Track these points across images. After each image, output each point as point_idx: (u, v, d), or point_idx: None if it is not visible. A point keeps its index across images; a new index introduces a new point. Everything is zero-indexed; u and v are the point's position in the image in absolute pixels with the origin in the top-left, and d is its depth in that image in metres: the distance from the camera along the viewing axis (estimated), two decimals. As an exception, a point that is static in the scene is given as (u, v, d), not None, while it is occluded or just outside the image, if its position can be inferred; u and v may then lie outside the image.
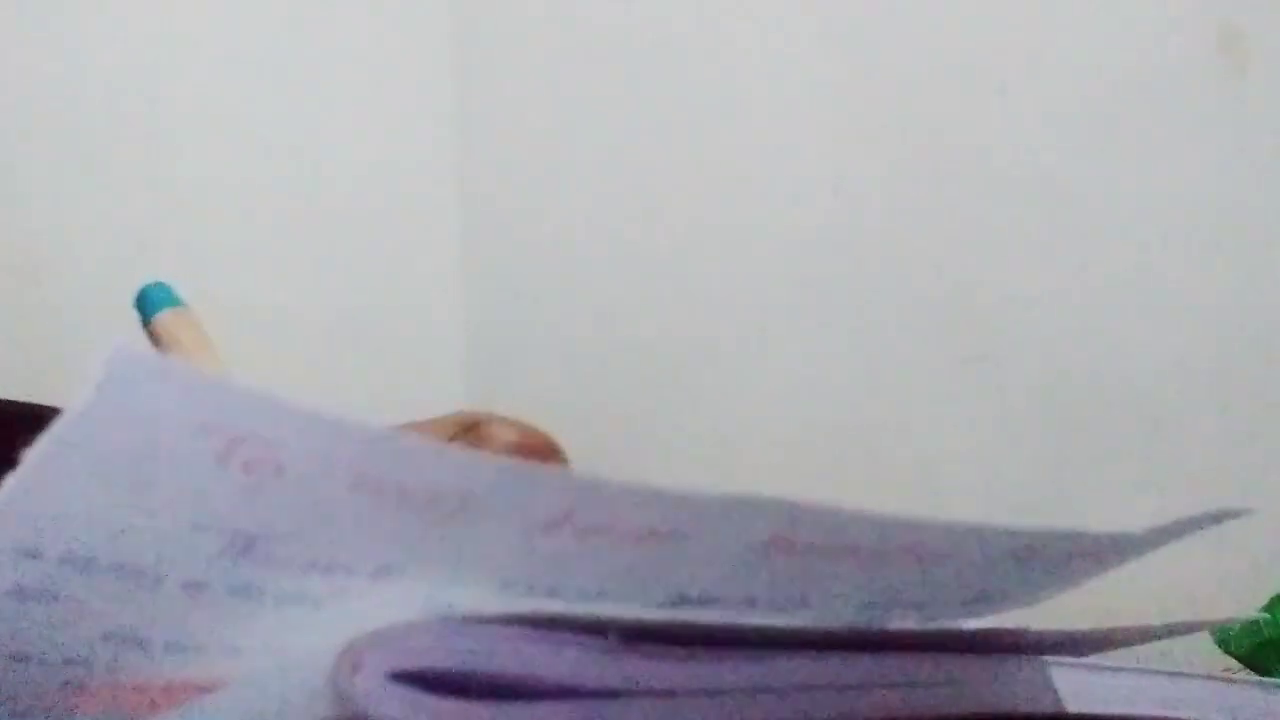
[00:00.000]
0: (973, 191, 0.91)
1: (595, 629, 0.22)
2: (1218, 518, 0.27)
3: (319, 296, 1.18)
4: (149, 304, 0.38)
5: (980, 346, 0.91)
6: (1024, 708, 0.26)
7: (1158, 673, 0.28)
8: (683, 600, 0.23)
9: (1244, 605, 0.60)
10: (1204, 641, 0.54)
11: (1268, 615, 0.50)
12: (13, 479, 0.19)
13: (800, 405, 1.01)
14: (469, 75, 1.24)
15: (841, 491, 0.95)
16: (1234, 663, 0.52)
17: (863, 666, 0.24)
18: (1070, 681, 0.27)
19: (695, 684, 0.23)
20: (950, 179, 0.92)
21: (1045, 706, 0.27)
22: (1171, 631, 0.32)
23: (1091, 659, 0.28)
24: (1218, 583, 0.78)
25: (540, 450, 0.36)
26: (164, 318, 0.38)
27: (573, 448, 1.18)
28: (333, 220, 1.19)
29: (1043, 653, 0.27)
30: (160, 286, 0.38)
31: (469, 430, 0.36)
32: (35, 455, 0.19)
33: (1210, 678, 0.29)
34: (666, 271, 1.10)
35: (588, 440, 1.16)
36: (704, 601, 0.23)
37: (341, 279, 1.20)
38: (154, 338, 0.38)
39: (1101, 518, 0.87)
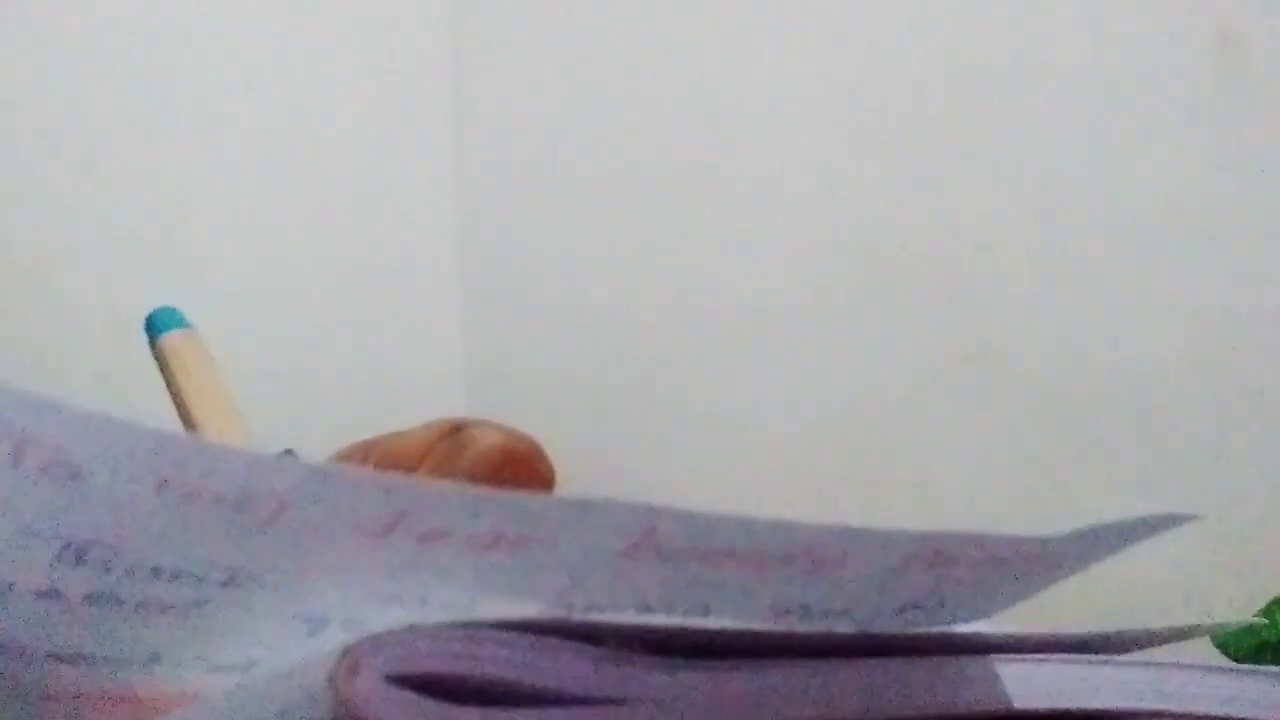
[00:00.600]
0: (970, 190, 0.91)
1: (594, 637, 0.22)
2: (1164, 524, 0.26)
3: (318, 298, 1.18)
4: (156, 326, 0.40)
5: (978, 345, 0.91)
6: (969, 706, 0.26)
7: (1111, 663, 0.28)
8: (572, 607, 0.23)
9: (1242, 607, 0.60)
10: (1203, 645, 0.54)
11: (1266, 620, 0.50)
12: None
13: (799, 404, 1.01)
14: (466, 76, 1.24)
15: (839, 491, 0.95)
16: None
17: (853, 670, 0.24)
18: (1019, 676, 0.27)
19: (693, 693, 0.22)
20: (947, 178, 0.92)
21: (992, 704, 0.26)
22: (1173, 636, 0.32)
23: (1039, 651, 0.28)
24: (1216, 585, 0.78)
25: (524, 454, 0.35)
26: (170, 339, 0.39)
27: (572, 448, 1.18)
28: (331, 221, 1.19)
29: (990, 652, 0.27)
30: (168, 310, 0.40)
31: (452, 434, 0.36)
32: None
33: (1163, 665, 0.28)
34: (665, 271, 1.10)
35: (587, 440, 1.16)
36: (593, 607, 0.23)
37: (340, 280, 1.20)
38: (159, 358, 0.39)
39: (1101, 515, 0.87)
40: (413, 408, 0.36)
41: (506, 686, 0.21)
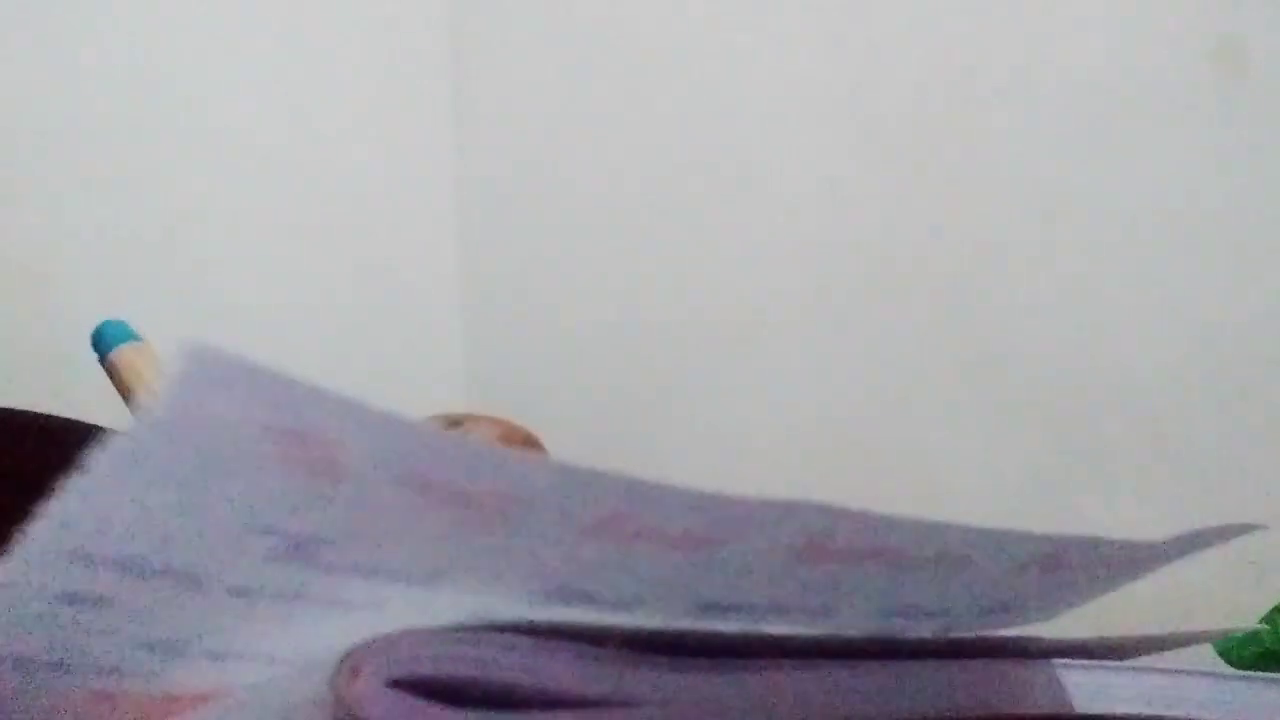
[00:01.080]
0: (972, 195, 0.91)
1: (595, 638, 0.22)
2: (1238, 531, 0.26)
3: (318, 298, 1.18)
4: (105, 341, 0.38)
5: (979, 348, 0.91)
6: (1033, 709, 0.26)
7: (1166, 671, 0.28)
8: (713, 606, 0.23)
9: (1245, 614, 0.60)
10: (1205, 653, 0.54)
11: (1268, 626, 0.50)
12: (71, 485, 0.19)
13: (800, 406, 1.01)
14: (467, 79, 1.24)
15: (839, 495, 0.95)
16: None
17: (866, 673, 0.24)
18: (1079, 682, 0.27)
19: (695, 695, 0.22)
20: (948, 181, 0.92)
21: (1055, 707, 0.26)
22: (1174, 642, 0.32)
23: (1099, 660, 0.28)
24: (1218, 592, 0.77)
25: (522, 445, 0.35)
26: (122, 353, 0.38)
27: (571, 448, 1.17)
28: (331, 221, 1.19)
29: (1050, 657, 0.27)
30: (116, 324, 0.38)
31: (450, 429, 0.35)
32: (97, 461, 0.19)
33: (1216, 675, 0.28)
34: (666, 273, 1.10)
35: (586, 439, 1.16)
36: (733, 608, 0.23)
37: (340, 280, 1.20)
38: (111, 372, 0.38)
39: (1101, 520, 0.87)
40: (413, 408, 0.35)
41: (508, 689, 0.21)
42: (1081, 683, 0.27)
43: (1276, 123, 0.79)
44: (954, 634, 0.25)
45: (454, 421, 0.36)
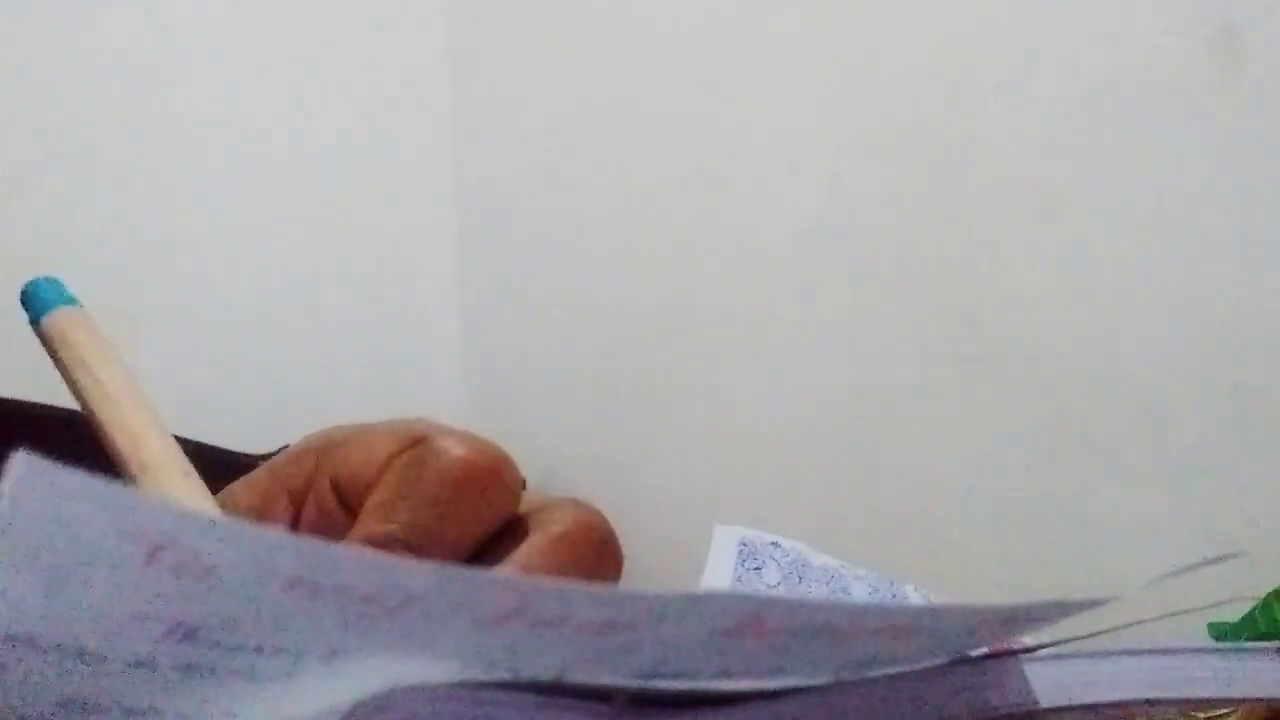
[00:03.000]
0: (970, 190, 0.91)
1: (600, 695, 0.22)
2: (1216, 561, 0.26)
3: (318, 298, 1.18)
4: (38, 302, 0.34)
5: (979, 345, 0.91)
6: (999, 708, 0.26)
7: (1124, 654, 0.28)
8: (655, 675, 0.23)
9: (1240, 603, 0.60)
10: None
11: (1261, 609, 0.50)
12: None
13: (799, 404, 1.01)
14: (465, 82, 1.24)
15: (841, 490, 0.95)
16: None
17: (836, 692, 0.24)
18: (1047, 675, 0.27)
19: None
20: (948, 178, 0.92)
21: (1021, 704, 0.26)
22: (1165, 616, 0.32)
23: (1070, 648, 0.28)
24: (1214, 580, 0.77)
25: (488, 468, 0.34)
26: (56, 318, 0.34)
27: (570, 447, 1.18)
28: (332, 222, 1.19)
29: (1016, 654, 0.27)
30: (51, 282, 0.34)
31: (415, 445, 0.34)
32: None
33: (1150, 651, 0.28)
34: (665, 272, 1.10)
35: (586, 439, 1.16)
36: (677, 675, 0.23)
37: (340, 281, 1.20)
38: (45, 340, 0.34)
39: (1101, 514, 0.87)
40: (412, 408, 0.35)
41: None
42: (1046, 675, 0.27)
43: (1274, 114, 0.79)
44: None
45: (417, 438, 0.34)
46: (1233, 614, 0.52)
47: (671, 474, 1.09)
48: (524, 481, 0.35)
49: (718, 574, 0.67)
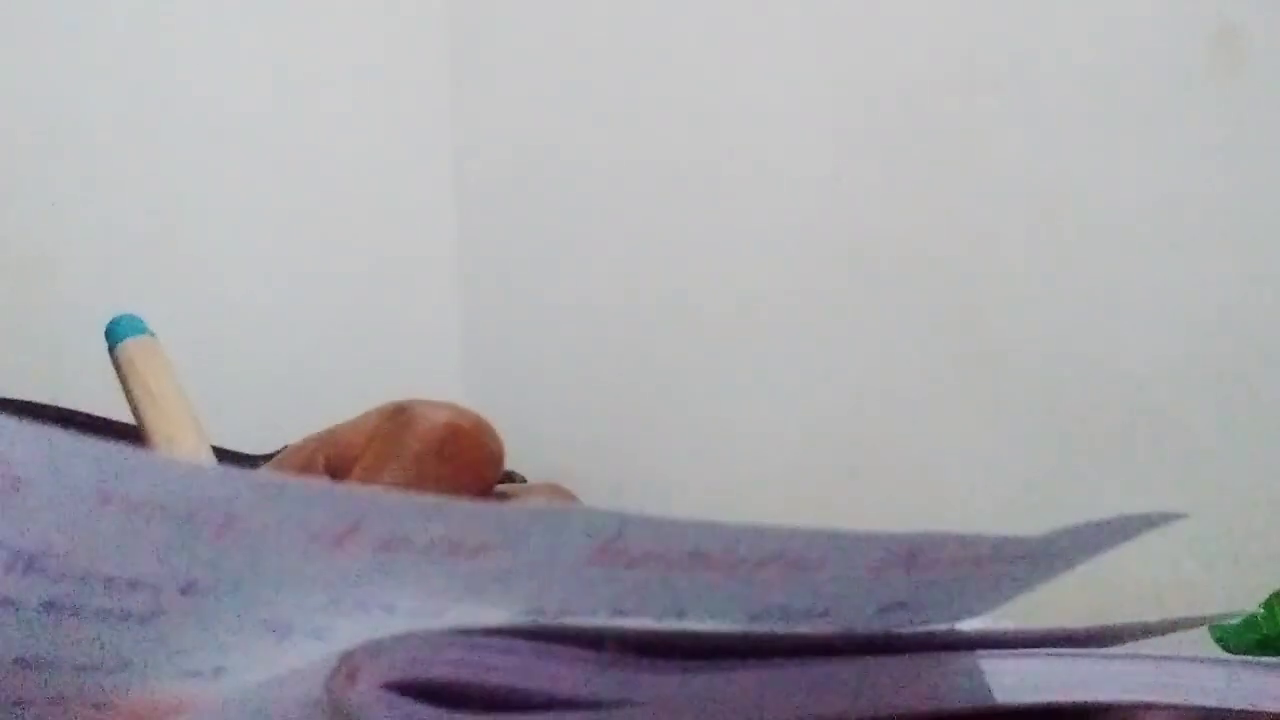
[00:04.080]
0: (970, 190, 0.91)
1: (592, 641, 0.22)
2: (1152, 523, 0.26)
3: (318, 298, 1.18)
4: (116, 333, 0.40)
5: (978, 344, 0.91)
6: (951, 704, 0.26)
7: (1097, 656, 0.28)
8: (539, 611, 0.23)
9: (1240, 603, 0.60)
10: (1203, 640, 0.54)
11: (1264, 611, 0.50)
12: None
13: (798, 402, 1.01)
14: (466, 81, 1.24)
15: (838, 489, 0.95)
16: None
17: (774, 670, 0.24)
18: (1002, 671, 0.27)
19: (692, 694, 0.23)
20: (948, 176, 0.92)
21: (974, 700, 0.26)
22: (1168, 627, 0.32)
23: (1028, 646, 0.28)
24: (1215, 580, 0.77)
25: (469, 430, 0.34)
26: (127, 345, 0.39)
27: (570, 445, 1.18)
28: (331, 222, 1.19)
29: (974, 648, 0.27)
30: (130, 318, 0.40)
31: (397, 415, 0.35)
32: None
33: (1150, 657, 0.28)
34: (665, 271, 1.10)
35: (586, 437, 1.16)
36: (563, 613, 0.23)
37: (340, 280, 1.20)
38: (117, 365, 0.39)
39: (1102, 514, 0.87)
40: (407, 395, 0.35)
41: (507, 692, 0.21)
42: (1004, 672, 0.27)
43: (1274, 113, 0.79)
44: (860, 631, 0.25)
45: (399, 409, 0.35)
46: (1234, 617, 0.52)
47: (672, 470, 1.09)
48: (502, 447, 0.36)
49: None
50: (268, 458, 0.41)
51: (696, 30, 1.07)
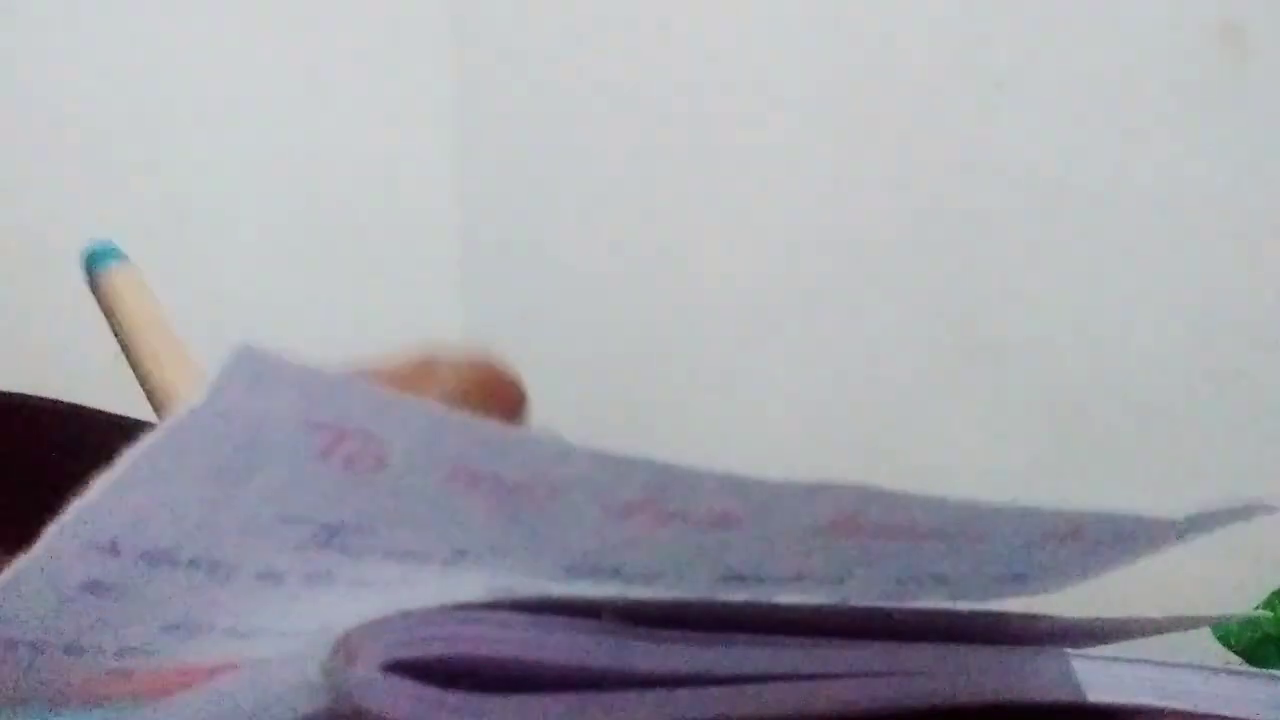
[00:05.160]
0: (970, 186, 0.91)
1: (589, 611, 0.22)
2: (1256, 510, 0.26)
3: (317, 296, 1.18)
4: (96, 261, 0.37)
5: (979, 340, 0.91)
6: (1043, 697, 0.26)
7: (1180, 666, 0.28)
8: (732, 576, 0.23)
9: (1243, 601, 0.60)
10: (1205, 639, 0.54)
11: (1268, 612, 0.50)
12: (104, 478, 0.19)
13: (799, 397, 1.01)
14: (469, 71, 1.24)
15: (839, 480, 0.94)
16: (1234, 658, 0.52)
17: (873, 653, 0.24)
18: (1089, 671, 0.27)
19: (699, 666, 0.23)
20: (947, 174, 0.92)
21: (1065, 695, 0.26)
22: (1173, 625, 0.32)
23: (1113, 651, 0.28)
24: (1217, 577, 0.77)
25: (493, 373, 0.34)
26: (111, 273, 0.37)
27: (571, 432, 1.17)
28: (331, 219, 1.19)
29: (1061, 643, 0.27)
30: (107, 245, 0.37)
31: (422, 369, 0.34)
32: (131, 455, 0.19)
33: (1169, 664, 0.28)
34: (666, 266, 1.10)
35: (586, 433, 1.16)
36: (753, 578, 0.23)
37: (339, 279, 1.20)
38: (99, 295, 0.37)
39: (1101, 508, 0.87)
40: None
41: (507, 665, 0.21)
42: (1092, 671, 0.27)
43: (1276, 110, 0.79)
44: (960, 603, 0.25)
45: (424, 361, 0.34)
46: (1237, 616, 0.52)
47: (671, 453, 1.09)
48: (526, 397, 0.35)
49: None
50: None
51: (698, 22, 1.07)
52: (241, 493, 0.20)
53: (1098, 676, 0.28)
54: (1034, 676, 0.26)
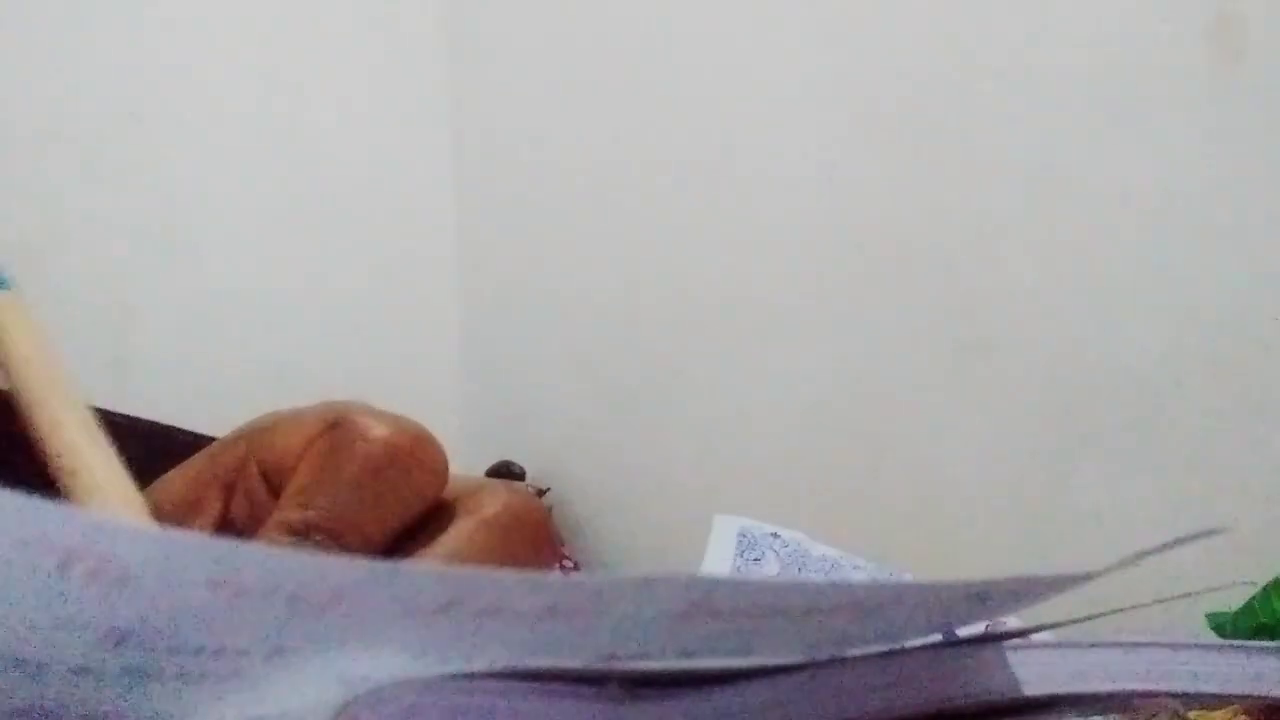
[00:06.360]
0: (968, 181, 0.91)
1: (595, 679, 0.22)
2: (1187, 540, 0.26)
3: (317, 297, 1.18)
4: None
5: (977, 337, 0.91)
6: (981, 696, 0.26)
7: (1119, 645, 0.28)
8: (614, 658, 0.23)
9: (1242, 592, 0.60)
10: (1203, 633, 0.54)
11: (1261, 599, 0.50)
12: None
13: (798, 396, 1.01)
14: (464, 77, 1.24)
15: (839, 480, 0.95)
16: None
17: (822, 672, 0.24)
18: (1029, 664, 0.27)
19: (703, 710, 0.22)
20: (946, 169, 0.92)
21: (1004, 693, 0.26)
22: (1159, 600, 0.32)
23: (1051, 638, 0.28)
24: (1211, 568, 0.77)
25: (411, 447, 0.33)
26: None
27: (571, 444, 1.18)
28: (331, 221, 1.19)
29: (1000, 640, 0.27)
30: None
31: (334, 428, 0.33)
32: None
33: (1136, 645, 0.28)
34: (664, 268, 1.10)
35: (586, 436, 1.16)
36: (637, 657, 0.23)
37: (339, 279, 1.20)
38: None
39: (1094, 499, 0.87)
40: (412, 406, 0.35)
41: None
42: (1025, 664, 0.27)
43: (1272, 104, 0.79)
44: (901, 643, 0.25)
45: (335, 421, 0.34)
46: (1231, 604, 0.52)
47: (672, 466, 1.09)
48: (445, 461, 0.34)
49: (717, 564, 0.67)
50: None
51: (695, 25, 1.07)
52: (2, 601, 0.20)
53: (1061, 665, 0.28)
54: (972, 675, 0.26)
